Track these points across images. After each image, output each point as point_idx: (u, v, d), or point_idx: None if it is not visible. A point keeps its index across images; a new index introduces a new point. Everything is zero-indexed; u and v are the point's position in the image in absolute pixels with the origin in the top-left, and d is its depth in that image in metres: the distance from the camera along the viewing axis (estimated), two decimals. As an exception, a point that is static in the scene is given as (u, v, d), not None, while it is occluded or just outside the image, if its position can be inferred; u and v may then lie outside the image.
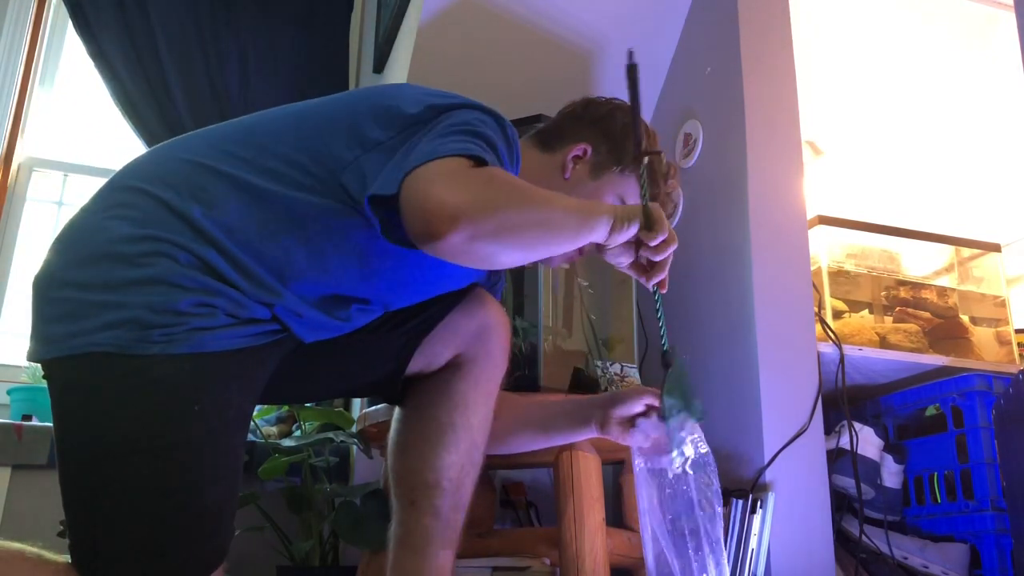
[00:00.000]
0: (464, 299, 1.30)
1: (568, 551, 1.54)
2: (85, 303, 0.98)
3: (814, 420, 1.78)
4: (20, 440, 2.06)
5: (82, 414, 0.98)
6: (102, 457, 0.96)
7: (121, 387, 0.96)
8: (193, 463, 0.98)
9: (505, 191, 1.00)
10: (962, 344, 2.22)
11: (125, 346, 0.95)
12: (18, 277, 2.47)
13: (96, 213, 1.06)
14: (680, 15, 2.25)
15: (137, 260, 0.98)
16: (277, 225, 1.05)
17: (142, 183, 1.06)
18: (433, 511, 1.24)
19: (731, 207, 1.94)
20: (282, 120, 1.15)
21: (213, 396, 0.99)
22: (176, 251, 0.99)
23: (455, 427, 1.26)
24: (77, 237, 1.05)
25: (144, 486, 0.96)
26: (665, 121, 2.29)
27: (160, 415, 0.97)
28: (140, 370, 0.95)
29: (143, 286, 0.97)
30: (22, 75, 2.62)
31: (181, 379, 0.97)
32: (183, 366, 0.97)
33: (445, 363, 1.30)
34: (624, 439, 1.33)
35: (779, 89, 2.01)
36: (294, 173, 1.07)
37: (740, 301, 1.86)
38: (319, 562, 1.96)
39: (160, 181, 1.06)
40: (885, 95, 2.84)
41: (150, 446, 0.95)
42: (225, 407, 1.01)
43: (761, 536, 1.63)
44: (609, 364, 1.75)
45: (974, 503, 1.84)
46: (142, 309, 0.96)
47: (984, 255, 2.39)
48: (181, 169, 1.07)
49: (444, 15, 2.08)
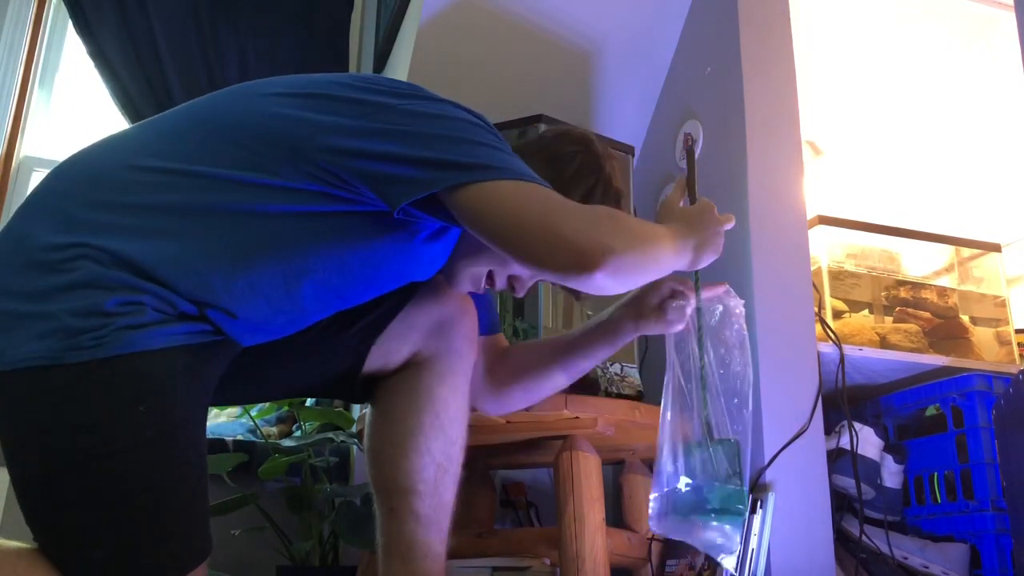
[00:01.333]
0: (419, 293, 1.27)
1: (568, 551, 1.54)
2: (14, 315, 0.95)
3: (814, 420, 1.78)
4: (20, 440, 2.06)
5: (30, 430, 0.95)
6: (58, 470, 0.94)
7: (62, 398, 0.93)
8: (150, 464, 0.95)
9: (632, 229, 1.07)
10: (962, 344, 2.22)
11: (56, 356, 0.92)
12: (18, 277, 2.47)
13: (21, 218, 1.05)
14: (680, 15, 2.25)
15: (60, 266, 0.96)
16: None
17: (75, 186, 1.05)
18: (413, 516, 1.22)
19: (731, 207, 1.94)
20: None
21: (158, 395, 0.96)
22: (98, 252, 0.96)
23: (423, 427, 1.24)
24: (4, 246, 1.02)
25: (104, 494, 0.93)
26: (665, 121, 2.29)
27: (106, 420, 0.94)
28: (77, 378, 0.93)
29: (67, 292, 0.94)
30: (22, 75, 2.62)
31: (119, 381, 0.94)
32: (119, 368, 0.94)
33: (404, 361, 1.27)
34: (661, 327, 1.37)
35: (779, 89, 2.01)
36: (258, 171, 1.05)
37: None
38: (319, 562, 1.96)
39: (93, 181, 1.04)
40: (885, 95, 2.84)
41: (104, 451, 0.93)
42: (172, 405, 0.98)
43: (761, 536, 1.63)
44: (609, 364, 1.75)
45: (974, 503, 1.84)
46: (69, 316, 0.93)
47: (984, 255, 2.39)
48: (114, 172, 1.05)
49: (444, 15, 2.08)
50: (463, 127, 1.07)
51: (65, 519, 0.94)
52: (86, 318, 0.93)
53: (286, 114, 1.07)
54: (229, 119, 1.08)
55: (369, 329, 1.25)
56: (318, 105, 1.07)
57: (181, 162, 1.03)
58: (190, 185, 1.02)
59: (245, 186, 1.02)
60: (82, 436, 0.93)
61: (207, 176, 1.02)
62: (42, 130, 2.66)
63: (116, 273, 0.96)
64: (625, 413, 1.62)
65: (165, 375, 0.97)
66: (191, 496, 1.00)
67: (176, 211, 1.01)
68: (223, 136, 1.06)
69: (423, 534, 1.22)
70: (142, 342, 0.95)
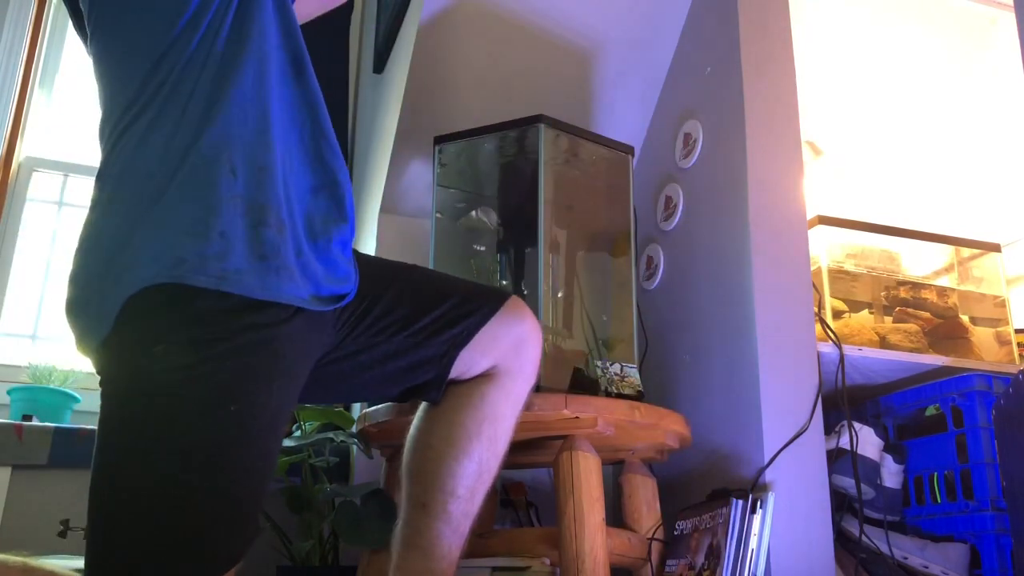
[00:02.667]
0: (503, 308, 1.32)
1: (568, 551, 1.54)
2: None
3: (814, 420, 1.78)
4: (20, 440, 2.06)
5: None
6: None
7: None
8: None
9: None
10: (962, 344, 2.22)
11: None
12: (18, 277, 2.47)
13: None
14: (680, 15, 2.25)
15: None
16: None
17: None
18: (446, 516, 1.25)
19: (731, 207, 1.94)
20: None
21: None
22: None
23: (480, 437, 1.27)
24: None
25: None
26: (665, 121, 2.29)
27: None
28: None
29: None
30: (22, 75, 2.62)
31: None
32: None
33: (483, 371, 1.31)
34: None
35: (779, 89, 2.01)
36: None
37: (740, 301, 1.86)
38: (319, 562, 1.96)
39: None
40: (885, 95, 2.84)
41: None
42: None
43: (761, 536, 1.63)
44: (609, 364, 1.75)
45: (974, 503, 1.84)
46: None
47: (984, 255, 2.39)
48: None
49: (444, 15, 2.08)
50: None
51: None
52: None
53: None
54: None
55: (457, 339, 1.29)
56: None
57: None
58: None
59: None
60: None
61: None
62: (42, 130, 2.66)
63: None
64: (625, 413, 1.62)
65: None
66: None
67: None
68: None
69: (449, 535, 1.25)
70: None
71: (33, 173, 2.60)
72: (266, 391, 1.04)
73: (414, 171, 2.25)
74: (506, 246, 1.94)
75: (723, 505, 1.67)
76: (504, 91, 2.19)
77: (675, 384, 2.04)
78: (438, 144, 1.97)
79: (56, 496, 2.02)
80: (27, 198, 2.57)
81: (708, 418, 1.89)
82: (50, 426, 2.10)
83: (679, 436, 1.75)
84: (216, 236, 1.02)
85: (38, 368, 2.28)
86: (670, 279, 2.16)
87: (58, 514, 1.96)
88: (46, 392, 2.26)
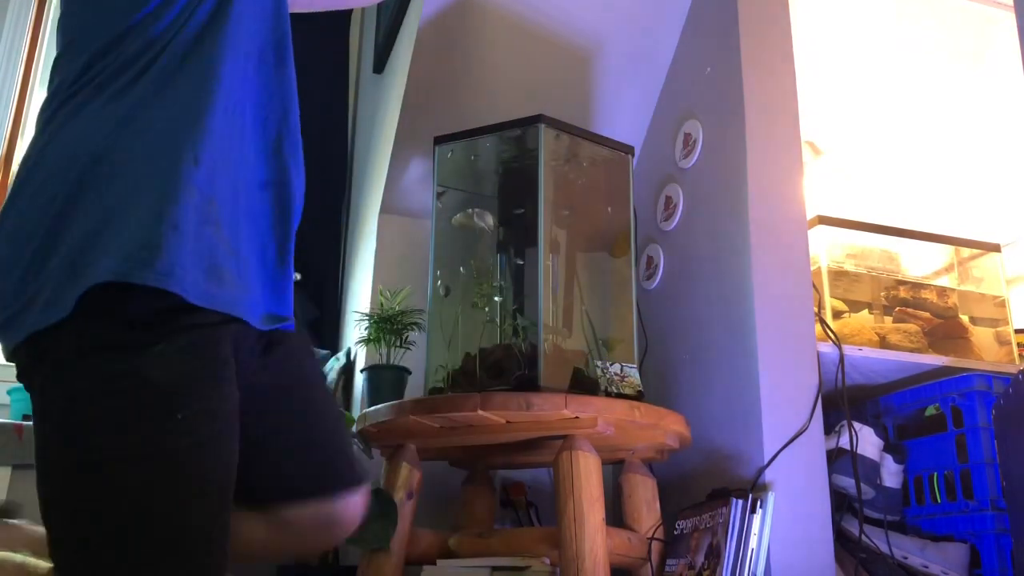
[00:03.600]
0: (351, 492, 1.23)
1: (568, 551, 1.55)
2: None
3: (814, 420, 1.78)
4: (20, 440, 2.06)
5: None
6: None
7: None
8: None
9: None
10: (962, 344, 2.22)
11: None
12: (18, 277, 2.47)
13: None
14: (680, 15, 2.25)
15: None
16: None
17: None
18: None
19: (731, 207, 1.94)
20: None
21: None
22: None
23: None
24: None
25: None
26: (665, 121, 2.29)
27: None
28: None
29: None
30: (22, 75, 2.62)
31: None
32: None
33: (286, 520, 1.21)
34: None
35: (779, 89, 2.01)
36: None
37: (740, 301, 1.86)
38: (319, 562, 1.96)
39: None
40: (885, 95, 2.84)
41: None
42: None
43: (761, 536, 1.63)
44: (609, 364, 1.75)
45: (974, 503, 1.84)
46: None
47: (984, 255, 2.39)
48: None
49: (444, 15, 2.08)
50: None
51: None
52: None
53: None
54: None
55: (299, 492, 1.23)
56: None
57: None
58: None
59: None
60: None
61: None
62: (42, 130, 2.66)
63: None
64: (625, 413, 1.62)
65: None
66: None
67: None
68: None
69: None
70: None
71: (33, 173, 2.61)
72: (215, 396, 0.97)
73: (414, 171, 2.26)
74: (506, 246, 1.94)
75: (723, 505, 1.67)
76: (504, 91, 2.19)
77: (675, 384, 2.04)
78: (438, 144, 1.97)
79: (56, 496, 2.01)
80: (27, 198, 2.58)
81: (708, 418, 1.89)
82: (50, 426, 2.10)
83: (679, 436, 1.75)
84: (169, 228, 0.94)
85: (38, 368, 2.28)
86: (670, 279, 2.16)
87: (58, 514, 1.95)
88: (46, 392, 2.26)
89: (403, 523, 1.69)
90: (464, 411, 1.59)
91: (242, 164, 1.06)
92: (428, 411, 1.64)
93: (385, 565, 1.66)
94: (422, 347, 1.92)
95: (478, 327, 1.86)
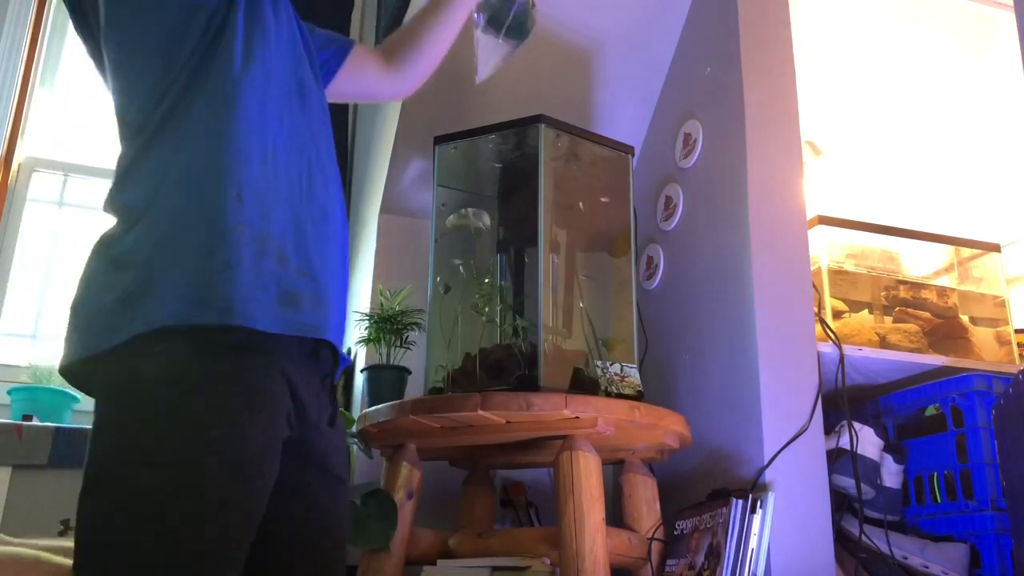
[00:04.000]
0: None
1: (568, 551, 1.55)
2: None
3: (814, 420, 1.78)
4: (20, 440, 2.06)
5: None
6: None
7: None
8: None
9: None
10: (962, 344, 2.22)
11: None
12: (18, 277, 2.47)
13: None
14: (680, 15, 2.25)
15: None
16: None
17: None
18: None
19: (731, 207, 1.94)
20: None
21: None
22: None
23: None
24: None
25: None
26: (665, 121, 2.29)
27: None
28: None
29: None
30: (22, 75, 2.62)
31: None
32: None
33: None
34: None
35: (779, 89, 2.01)
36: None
37: (740, 301, 1.86)
38: (319, 562, 1.96)
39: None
40: (885, 95, 2.84)
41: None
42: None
43: (761, 536, 1.63)
44: (609, 364, 1.75)
45: (974, 503, 1.84)
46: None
47: (984, 255, 2.39)
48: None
49: (444, 15, 2.07)
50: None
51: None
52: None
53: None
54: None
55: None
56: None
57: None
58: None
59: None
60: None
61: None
62: (42, 130, 2.66)
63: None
64: (625, 413, 1.62)
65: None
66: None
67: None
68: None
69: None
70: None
71: (33, 173, 2.60)
72: (252, 424, 1.00)
73: (414, 171, 2.26)
74: (506, 246, 1.94)
75: (723, 505, 1.68)
76: (504, 91, 2.19)
77: (675, 384, 2.04)
78: (438, 144, 1.97)
79: (56, 496, 2.02)
80: (27, 198, 2.57)
81: (708, 418, 1.89)
82: (50, 426, 2.10)
83: (679, 436, 1.75)
84: (221, 266, 1.01)
85: (38, 368, 2.28)
86: (670, 279, 2.16)
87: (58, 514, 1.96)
88: (46, 392, 2.26)
89: (403, 523, 1.69)
90: (464, 411, 1.60)
91: (288, 200, 1.12)
92: (428, 411, 1.64)
93: (385, 565, 1.66)
94: (422, 347, 1.92)
95: (478, 327, 1.87)
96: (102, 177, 2.69)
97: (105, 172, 2.69)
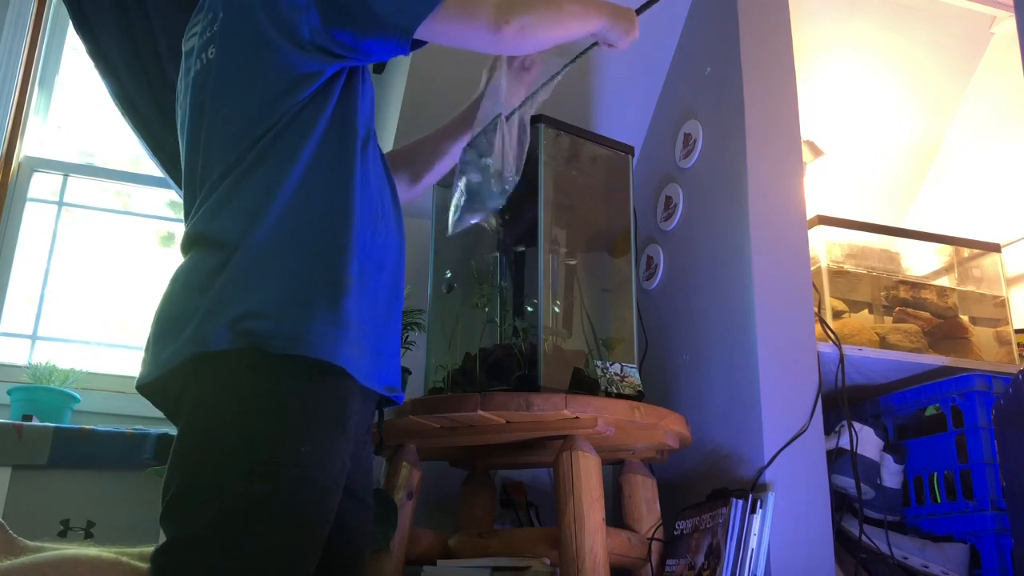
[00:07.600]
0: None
1: (568, 551, 1.55)
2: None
3: (814, 420, 1.78)
4: (20, 440, 2.06)
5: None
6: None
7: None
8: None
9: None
10: (962, 344, 2.22)
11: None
12: (18, 277, 2.47)
13: None
14: (680, 15, 2.25)
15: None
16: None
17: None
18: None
19: (731, 207, 1.94)
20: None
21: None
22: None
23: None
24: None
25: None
26: (665, 121, 2.29)
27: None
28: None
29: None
30: (22, 75, 2.62)
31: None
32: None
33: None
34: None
35: (779, 89, 2.01)
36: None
37: (740, 301, 1.86)
38: (319, 562, 1.96)
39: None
40: (885, 95, 2.84)
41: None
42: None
43: (761, 536, 1.63)
44: (609, 364, 1.75)
45: (974, 503, 1.84)
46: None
47: (984, 255, 2.39)
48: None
49: (444, 15, 2.07)
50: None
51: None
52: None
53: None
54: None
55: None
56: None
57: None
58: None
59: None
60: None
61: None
62: (42, 131, 2.66)
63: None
64: (625, 413, 1.62)
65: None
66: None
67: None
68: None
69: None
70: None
71: (33, 173, 2.60)
72: (335, 441, 1.06)
73: (414, 171, 2.25)
74: (506, 246, 1.94)
75: (723, 505, 1.67)
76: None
77: (675, 384, 2.04)
78: (438, 144, 1.97)
79: (56, 496, 2.01)
80: (27, 198, 2.57)
81: (708, 418, 1.89)
82: (50, 426, 2.10)
83: (679, 436, 1.75)
84: (299, 305, 1.06)
85: (38, 368, 2.28)
86: (670, 279, 2.16)
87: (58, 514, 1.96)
88: (46, 392, 2.26)
89: (403, 523, 1.69)
90: (464, 411, 1.60)
91: (362, 247, 1.16)
92: (428, 411, 1.64)
93: (385, 565, 1.65)
94: (422, 347, 1.92)
95: (478, 327, 1.86)
96: (102, 177, 2.69)
97: (105, 172, 2.69)
